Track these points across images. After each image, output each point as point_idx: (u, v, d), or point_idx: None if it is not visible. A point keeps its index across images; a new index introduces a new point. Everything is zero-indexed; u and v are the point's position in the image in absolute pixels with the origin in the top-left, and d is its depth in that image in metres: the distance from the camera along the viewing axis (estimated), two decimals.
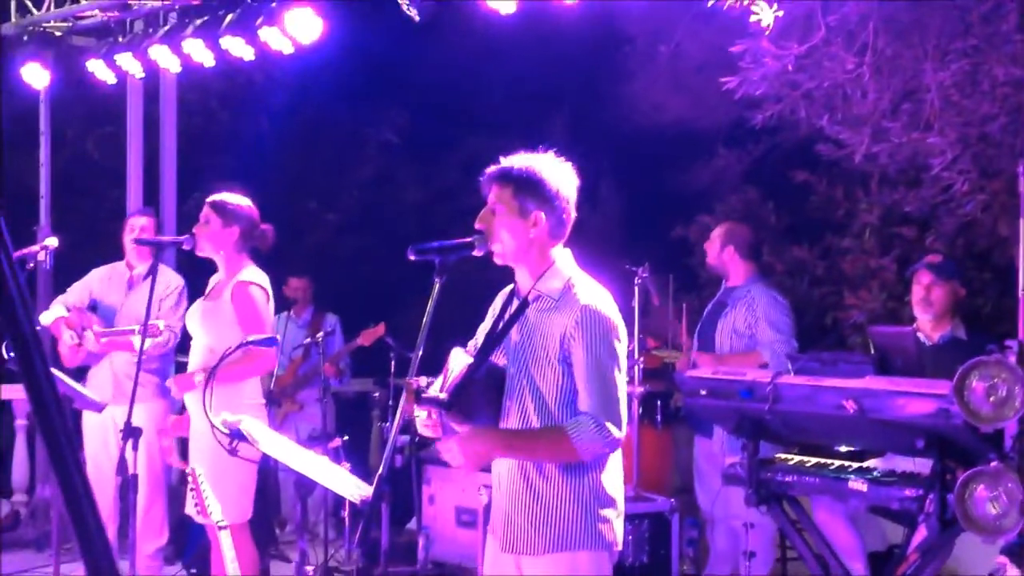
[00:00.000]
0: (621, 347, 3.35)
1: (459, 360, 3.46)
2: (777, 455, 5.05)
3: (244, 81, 11.81)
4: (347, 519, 6.50)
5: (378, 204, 13.54)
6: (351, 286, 8.90)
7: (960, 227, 6.49)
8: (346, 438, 6.83)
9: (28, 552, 7.60)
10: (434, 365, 3.43)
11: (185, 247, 5.29)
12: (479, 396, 3.32)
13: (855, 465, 4.85)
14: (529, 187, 3.37)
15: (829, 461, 4.95)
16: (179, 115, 8.72)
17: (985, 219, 6.16)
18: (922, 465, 4.66)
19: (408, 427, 7.55)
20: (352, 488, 3.45)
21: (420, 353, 3.24)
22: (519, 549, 3.38)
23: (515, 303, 3.49)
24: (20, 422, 8.32)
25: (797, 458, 5.02)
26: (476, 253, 3.36)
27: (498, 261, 3.43)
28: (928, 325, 5.26)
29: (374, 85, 12.60)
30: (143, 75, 7.82)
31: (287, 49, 6.96)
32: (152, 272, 5.19)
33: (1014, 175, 4.94)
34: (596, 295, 3.35)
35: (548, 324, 3.33)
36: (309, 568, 4.22)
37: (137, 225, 6.36)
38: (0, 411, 8.53)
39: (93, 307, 6.43)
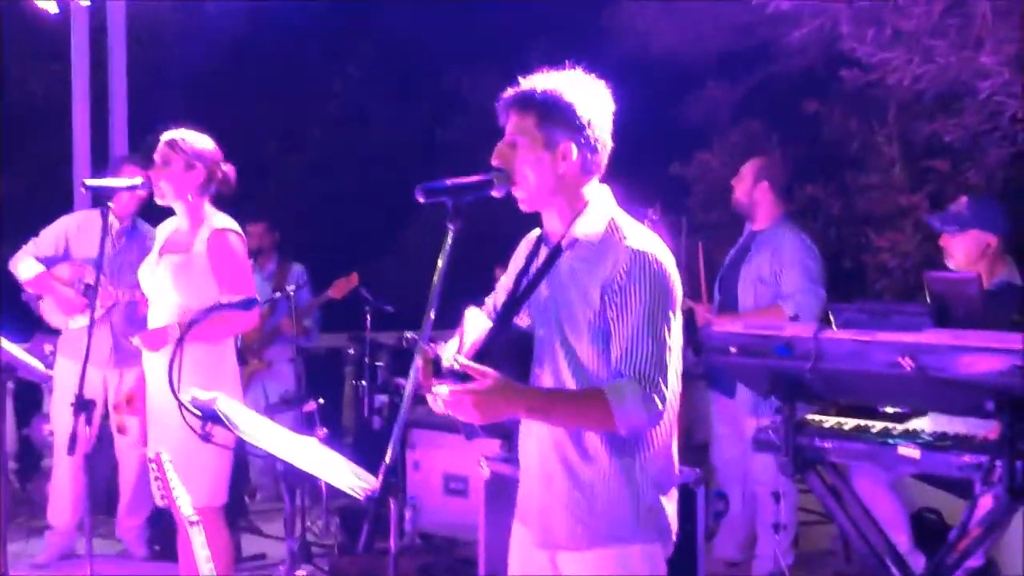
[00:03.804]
0: (677, 306, 2.78)
1: (476, 323, 2.89)
2: (809, 416, 4.55)
3: (197, 10, 11.02)
4: (323, 485, 5.93)
5: (345, 144, 12.83)
6: (317, 233, 8.30)
7: (1007, 158, 5.94)
8: (321, 401, 6.25)
9: None
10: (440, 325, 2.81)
11: (140, 192, 4.66)
12: (503, 365, 2.73)
13: (900, 427, 4.35)
14: (556, 114, 2.80)
15: (870, 423, 4.44)
16: (128, 48, 8.00)
17: None
18: (975, 426, 4.18)
19: (387, 388, 7.11)
20: (352, 479, 2.86)
21: (433, 316, 2.65)
22: (557, 543, 2.84)
23: (543, 252, 2.90)
24: None
25: (833, 420, 4.51)
26: (495, 194, 2.80)
27: (522, 206, 2.85)
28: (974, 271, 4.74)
29: (340, 16, 11.86)
30: (88, 2, 7.09)
31: None
32: (135, 226, 4.62)
33: None
34: (648, 239, 2.79)
35: (587, 275, 2.76)
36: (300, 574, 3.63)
37: (126, 173, 5.79)
38: None
39: (64, 259, 5.97)
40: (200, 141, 4.62)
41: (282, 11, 11.22)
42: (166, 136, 4.61)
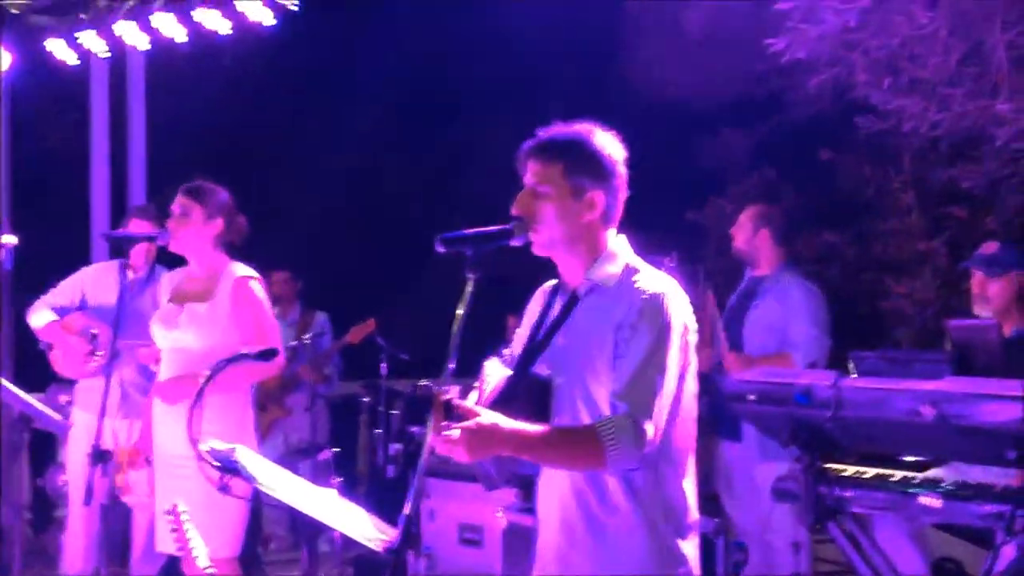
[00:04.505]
0: (683, 350, 2.76)
1: (496, 373, 2.87)
2: (828, 465, 4.50)
3: (216, 62, 11.11)
4: (338, 535, 5.89)
5: (361, 194, 12.89)
6: (333, 282, 8.32)
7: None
8: (336, 450, 6.23)
9: None
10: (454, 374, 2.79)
11: (159, 243, 4.68)
12: (521, 415, 2.71)
13: (920, 476, 4.31)
14: (583, 162, 2.81)
15: (890, 472, 4.40)
16: (147, 100, 8.08)
17: None
18: (996, 475, 4.14)
19: (402, 436, 7.09)
20: (370, 531, 2.83)
21: (454, 364, 2.63)
22: None
23: (558, 302, 2.90)
24: None
25: (852, 468, 4.48)
26: (515, 243, 2.79)
27: (539, 252, 2.85)
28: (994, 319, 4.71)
29: (358, 65, 11.94)
30: (108, 54, 7.16)
31: (267, 20, 6.35)
32: (152, 276, 4.60)
33: None
34: (662, 282, 2.78)
35: (603, 320, 2.75)
36: None
37: (140, 224, 5.84)
38: None
39: (80, 309, 5.92)
40: (218, 192, 4.65)
41: (299, 62, 11.33)
42: (185, 187, 4.64)
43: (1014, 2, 4.43)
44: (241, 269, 4.60)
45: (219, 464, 2.97)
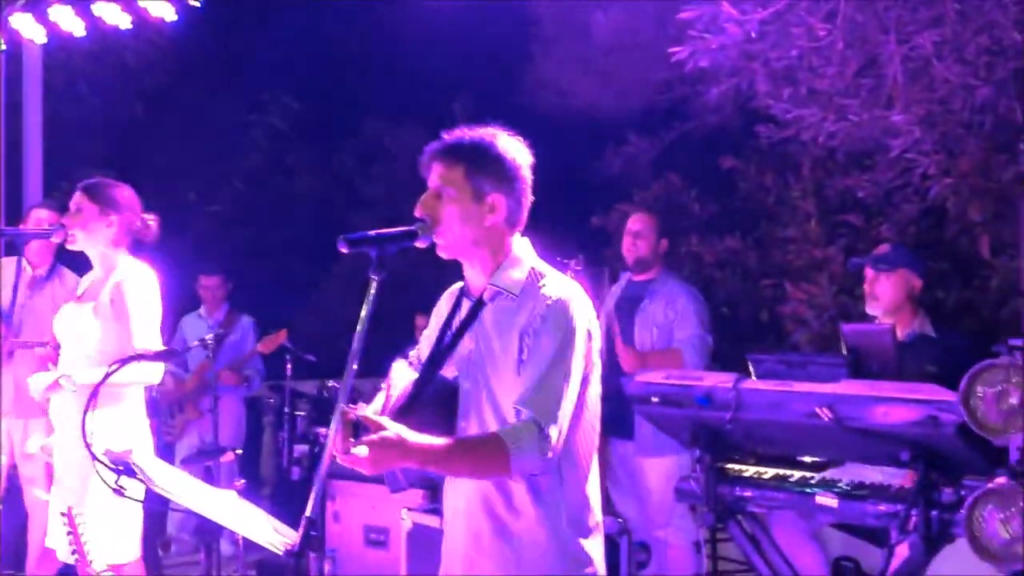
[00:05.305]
0: (587, 355, 2.76)
1: (403, 376, 2.85)
2: (728, 465, 4.58)
3: (114, 58, 10.87)
4: (240, 539, 5.82)
5: (266, 194, 12.74)
6: (238, 282, 8.20)
7: (918, 214, 6.10)
8: (239, 451, 6.15)
9: None
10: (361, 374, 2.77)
11: (54, 240, 4.56)
12: (428, 418, 2.70)
13: (818, 477, 4.40)
14: (485, 166, 2.80)
15: (789, 472, 4.49)
16: (44, 95, 7.89)
17: (949, 205, 5.77)
18: (891, 476, 4.25)
19: (308, 438, 7.03)
20: (271, 534, 2.80)
21: (355, 368, 2.60)
22: None
23: (465, 305, 2.89)
24: None
25: (752, 469, 4.56)
26: (419, 244, 2.77)
27: (443, 254, 2.84)
28: (888, 322, 4.81)
29: (262, 66, 11.79)
30: (3, 47, 6.98)
31: (169, 16, 6.23)
32: (52, 273, 4.50)
33: (985, 155, 4.51)
34: (565, 287, 2.79)
35: (508, 325, 2.76)
36: None
37: (39, 218, 5.69)
38: None
39: None
40: (116, 190, 4.54)
41: (202, 60, 11.14)
42: (81, 184, 4.53)
43: (909, 16, 4.56)
44: (128, 270, 4.48)
45: (114, 466, 2.91)
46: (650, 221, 5.92)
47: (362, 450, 2.51)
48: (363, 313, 2.58)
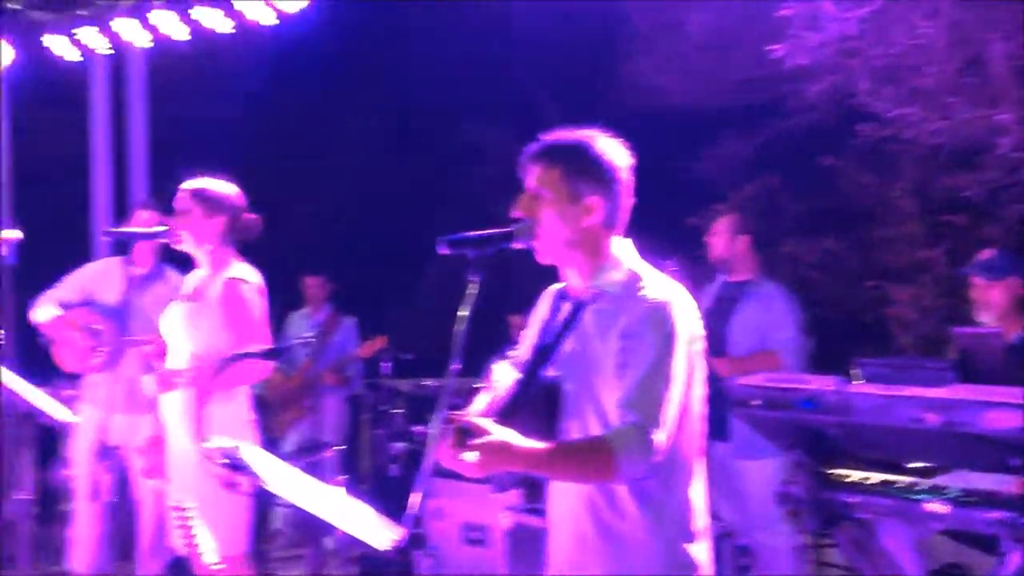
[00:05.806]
0: (688, 357, 2.74)
1: (505, 376, 2.87)
2: (832, 471, 4.50)
3: (215, 62, 11.06)
4: (344, 534, 5.89)
5: (361, 197, 12.87)
6: (335, 281, 8.32)
7: None
8: (340, 448, 6.25)
9: None
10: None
11: (161, 241, 4.66)
12: (531, 419, 2.71)
13: (926, 483, 4.31)
14: (582, 167, 2.80)
15: (895, 478, 4.40)
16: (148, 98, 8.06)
17: None
18: (1001, 482, 4.14)
19: (405, 435, 7.10)
20: (378, 531, 2.83)
21: (458, 365, 2.63)
22: None
23: (565, 307, 2.89)
24: None
25: (857, 474, 4.47)
26: (517, 246, 2.78)
27: (541, 257, 2.83)
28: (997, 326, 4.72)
29: (357, 68, 11.92)
30: (109, 51, 7.14)
31: (268, 20, 6.31)
32: (157, 273, 4.58)
33: None
34: (666, 289, 2.77)
35: (609, 327, 2.74)
36: None
37: (144, 219, 5.83)
38: None
39: (86, 305, 5.90)
40: (222, 189, 4.63)
41: (301, 64, 11.29)
42: (187, 184, 4.62)
43: (1013, 13, 4.43)
44: (237, 270, 4.56)
45: (225, 462, 2.96)
46: (726, 219, 5.89)
47: (470, 456, 2.53)
48: (462, 313, 2.60)
